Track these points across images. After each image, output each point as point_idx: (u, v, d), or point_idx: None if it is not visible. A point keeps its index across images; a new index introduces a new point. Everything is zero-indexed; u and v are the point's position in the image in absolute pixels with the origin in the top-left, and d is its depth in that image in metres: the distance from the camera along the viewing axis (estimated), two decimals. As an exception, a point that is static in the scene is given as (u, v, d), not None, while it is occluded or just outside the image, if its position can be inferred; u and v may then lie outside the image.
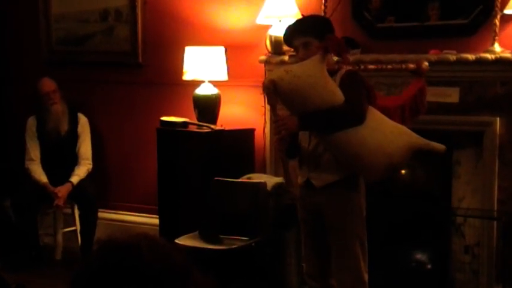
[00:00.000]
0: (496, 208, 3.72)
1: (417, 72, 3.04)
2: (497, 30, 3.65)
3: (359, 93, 2.79)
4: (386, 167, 2.77)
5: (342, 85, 2.78)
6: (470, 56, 3.68)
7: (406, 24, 4.00)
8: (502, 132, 3.70)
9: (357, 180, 2.90)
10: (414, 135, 2.84)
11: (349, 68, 2.91)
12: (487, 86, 3.70)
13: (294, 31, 2.91)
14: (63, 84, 4.86)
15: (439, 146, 2.85)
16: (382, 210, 3.88)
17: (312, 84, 2.69)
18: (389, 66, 3.22)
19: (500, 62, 3.62)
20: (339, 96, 2.72)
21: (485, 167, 3.76)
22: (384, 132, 2.77)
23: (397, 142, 2.77)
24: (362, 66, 3.10)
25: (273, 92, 2.71)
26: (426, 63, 3.05)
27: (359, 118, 2.74)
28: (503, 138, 3.70)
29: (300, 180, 3.01)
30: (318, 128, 2.78)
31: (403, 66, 3.12)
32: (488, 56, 3.64)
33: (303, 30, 2.88)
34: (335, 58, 2.97)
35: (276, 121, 2.82)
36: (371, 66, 3.20)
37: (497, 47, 3.65)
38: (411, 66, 3.06)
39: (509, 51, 3.63)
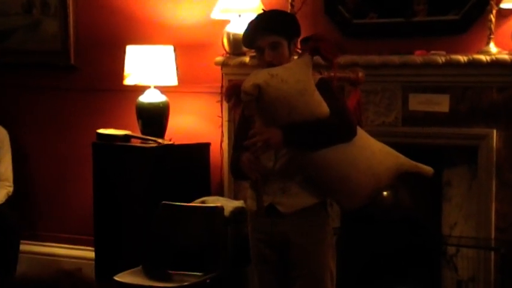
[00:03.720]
0: (493, 236, 3.74)
1: (355, 82, 3.12)
2: (492, 27, 3.69)
3: (344, 104, 2.88)
4: (372, 191, 2.85)
5: (320, 94, 2.78)
6: (462, 58, 3.71)
7: (387, 21, 4.02)
8: (500, 147, 3.73)
9: (326, 205, 2.94)
10: (401, 156, 2.92)
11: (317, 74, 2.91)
12: (481, 93, 3.73)
13: (259, 29, 2.87)
14: (-22, 90, 4.80)
15: (427, 169, 2.94)
16: (361, 239, 3.87)
17: (301, 91, 2.69)
18: (337, 74, 3.10)
19: (496, 64, 3.66)
20: (325, 107, 2.74)
21: (480, 188, 3.78)
22: (373, 151, 2.84)
23: (386, 163, 2.85)
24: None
25: (256, 99, 2.68)
26: (362, 73, 3.12)
27: (352, 132, 2.79)
28: (500, 153, 3.73)
29: (254, 205, 2.96)
30: (306, 143, 2.76)
31: (343, 75, 3.13)
32: (483, 57, 3.67)
33: (271, 29, 2.85)
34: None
35: (253, 135, 2.75)
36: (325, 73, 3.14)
37: (492, 47, 3.69)
38: (350, 75, 3.12)
39: (507, 52, 3.66)
